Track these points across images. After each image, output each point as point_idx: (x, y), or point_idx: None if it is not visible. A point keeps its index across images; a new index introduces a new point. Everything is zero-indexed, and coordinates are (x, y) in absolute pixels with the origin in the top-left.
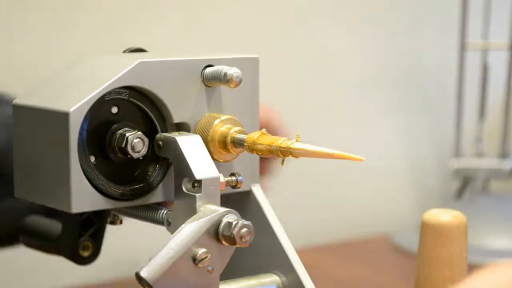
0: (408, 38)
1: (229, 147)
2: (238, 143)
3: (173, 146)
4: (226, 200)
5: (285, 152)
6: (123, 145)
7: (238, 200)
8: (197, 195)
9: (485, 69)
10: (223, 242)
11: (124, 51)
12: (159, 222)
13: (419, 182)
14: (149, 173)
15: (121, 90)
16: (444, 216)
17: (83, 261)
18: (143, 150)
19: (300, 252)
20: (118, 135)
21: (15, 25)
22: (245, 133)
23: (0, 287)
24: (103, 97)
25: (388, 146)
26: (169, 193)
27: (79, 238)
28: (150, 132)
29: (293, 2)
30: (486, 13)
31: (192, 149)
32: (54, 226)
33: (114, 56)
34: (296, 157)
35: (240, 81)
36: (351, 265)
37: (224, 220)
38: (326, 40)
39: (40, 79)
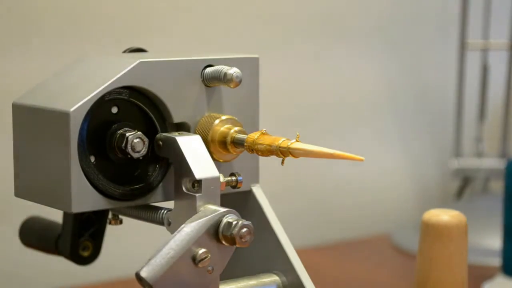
0: (408, 38)
1: (229, 147)
2: (238, 143)
3: (173, 146)
4: (226, 200)
5: (285, 152)
6: (123, 145)
7: (238, 200)
8: (197, 195)
9: (485, 69)
10: (223, 242)
11: (124, 51)
12: (159, 222)
13: (419, 182)
14: (149, 173)
15: (121, 90)
16: (444, 216)
17: (83, 261)
18: (143, 150)
19: (300, 252)
20: (118, 135)
21: (16, 25)
22: (245, 133)
23: (0, 287)
24: (103, 97)
25: (388, 146)
26: (169, 193)
27: (79, 238)
28: (150, 132)
29: (293, 5)
30: (486, 13)
31: (192, 149)
32: (54, 226)
33: (114, 56)
34: (296, 157)
35: (240, 81)
36: (351, 265)
37: (224, 220)
38: (326, 40)
39: (40, 79)
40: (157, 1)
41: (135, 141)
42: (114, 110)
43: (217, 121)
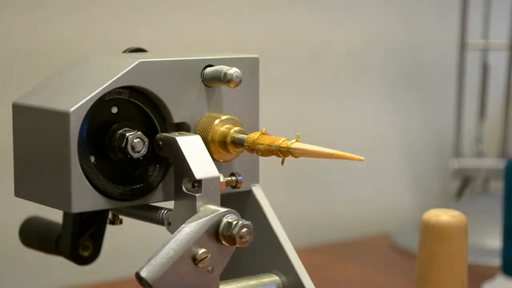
0: (408, 38)
1: (229, 147)
2: (238, 143)
3: (173, 146)
4: (226, 200)
5: (285, 152)
6: (123, 145)
7: (238, 200)
8: (197, 195)
9: (485, 69)
10: (223, 242)
11: (124, 51)
12: (159, 222)
13: (419, 182)
14: (149, 173)
15: (121, 90)
16: (444, 216)
17: (83, 261)
18: (143, 150)
19: (300, 252)
20: (118, 135)
21: (16, 24)
22: (245, 133)
23: (0, 287)
24: (103, 97)
25: (388, 146)
26: (169, 193)
27: (79, 238)
28: (150, 132)
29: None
30: (486, 13)
31: (192, 149)
32: (54, 226)
33: (114, 56)
34: (296, 157)
35: (240, 81)
36: (351, 265)
37: (224, 220)
38: (326, 40)
39: (41, 79)
40: (158, 1)
41: (135, 141)
42: (114, 110)
43: (217, 121)
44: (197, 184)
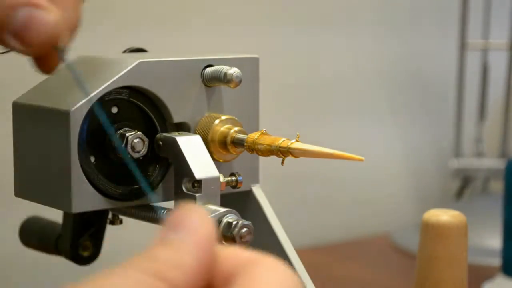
0: (408, 38)
1: (229, 147)
2: (238, 143)
3: (173, 146)
4: (226, 200)
5: (285, 152)
6: (123, 145)
7: (238, 200)
8: (197, 195)
9: (485, 69)
10: (223, 242)
11: (124, 51)
12: (159, 222)
13: (419, 182)
14: (149, 173)
15: (121, 90)
16: (444, 216)
17: (83, 261)
18: (143, 150)
19: (300, 252)
20: (118, 135)
21: None
22: (245, 133)
23: (1, 287)
24: (103, 97)
25: (388, 146)
26: (169, 193)
27: (79, 238)
28: (150, 132)
29: (293, 3)
30: (486, 13)
31: (192, 149)
32: (54, 226)
33: (114, 56)
34: (296, 157)
35: (240, 81)
36: (351, 265)
37: (224, 220)
38: (326, 41)
39: (41, 79)
40: (158, 1)
41: (135, 141)
42: (114, 110)
43: (217, 121)
44: (197, 184)
